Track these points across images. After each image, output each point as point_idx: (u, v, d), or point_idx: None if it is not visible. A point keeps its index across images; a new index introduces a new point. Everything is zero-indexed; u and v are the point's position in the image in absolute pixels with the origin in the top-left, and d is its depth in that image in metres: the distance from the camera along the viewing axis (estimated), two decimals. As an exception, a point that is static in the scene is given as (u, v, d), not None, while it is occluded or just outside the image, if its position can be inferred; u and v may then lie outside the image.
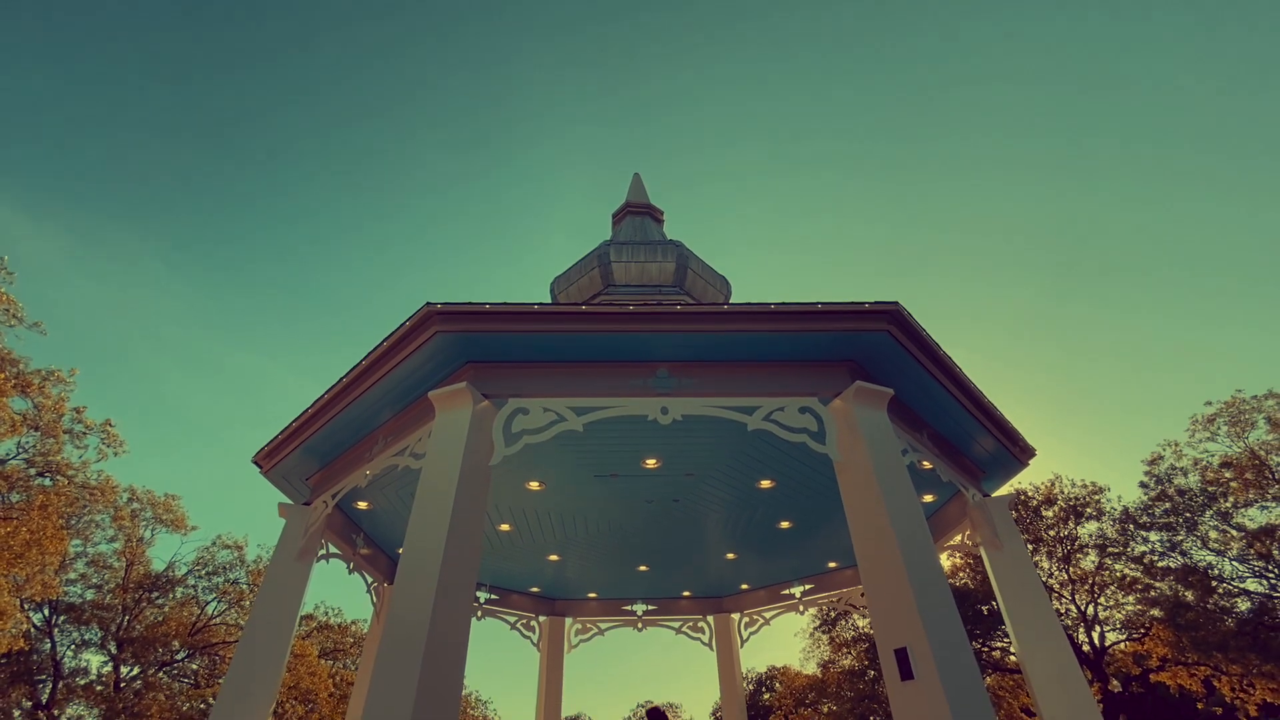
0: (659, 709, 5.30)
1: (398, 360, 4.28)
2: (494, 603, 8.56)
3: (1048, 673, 4.79)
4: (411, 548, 3.48)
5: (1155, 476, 19.29)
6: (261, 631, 4.83)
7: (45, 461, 17.63)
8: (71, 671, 20.30)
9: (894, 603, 3.38)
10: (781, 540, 7.17)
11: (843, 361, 4.36)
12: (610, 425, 4.69)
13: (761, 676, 45.87)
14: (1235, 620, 17.07)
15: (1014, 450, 5.56)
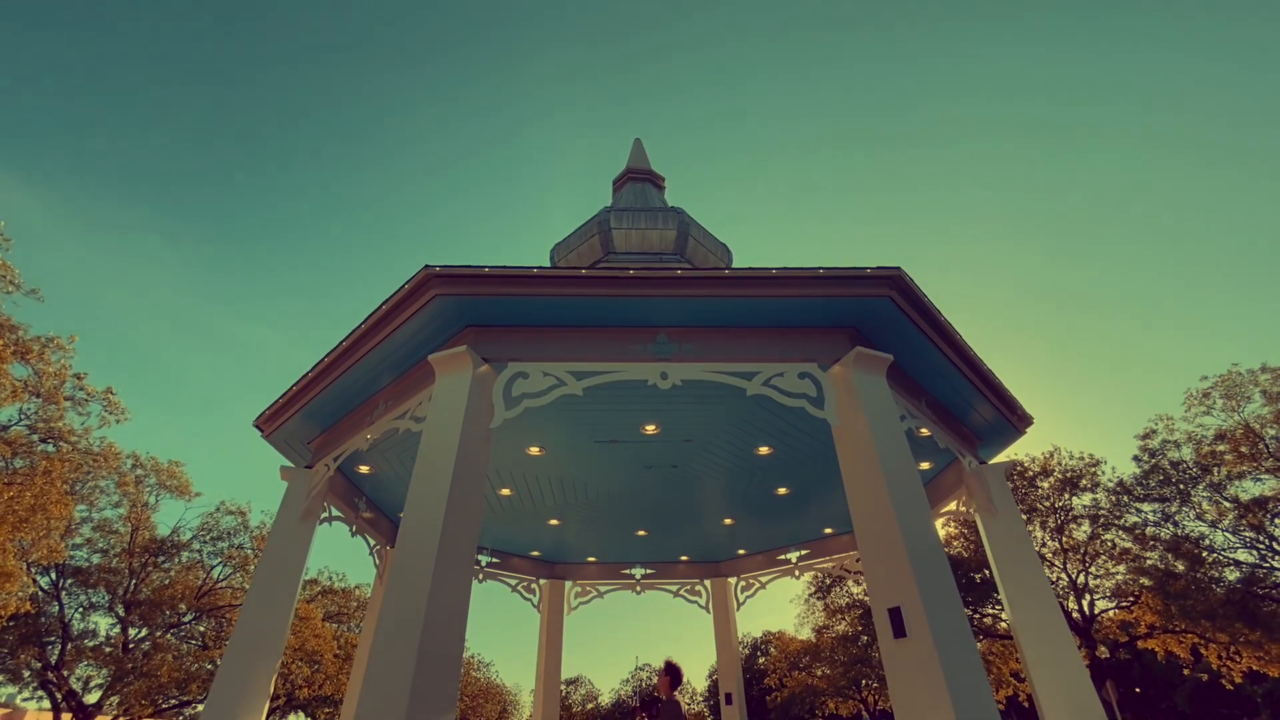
0: (673, 664, 5.37)
1: (397, 324, 4.26)
2: (495, 566, 8.71)
3: (1038, 637, 4.89)
4: (413, 509, 3.52)
5: (1149, 450, 19.47)
6: (266, 590, 4.92)
7: (48, 428, 17.73)
8: (80, 633, 20.75)
9: (889, 564, 3.44)
10: (779, 506, 7.26)
11: (843, 328, 4.35)
12: (610, 390, 4.71)
13: (757, 641, 47.00)
14: (1224, 589, 17.41)
15: (1012, 419, 5.59)
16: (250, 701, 4.52)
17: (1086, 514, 20.75)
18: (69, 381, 18.28)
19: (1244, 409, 17.62)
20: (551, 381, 4.03)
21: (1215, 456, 17.82)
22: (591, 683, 68.54)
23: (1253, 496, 17.34)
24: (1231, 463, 17.38)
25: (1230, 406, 17.83)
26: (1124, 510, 19.81)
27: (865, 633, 25.56)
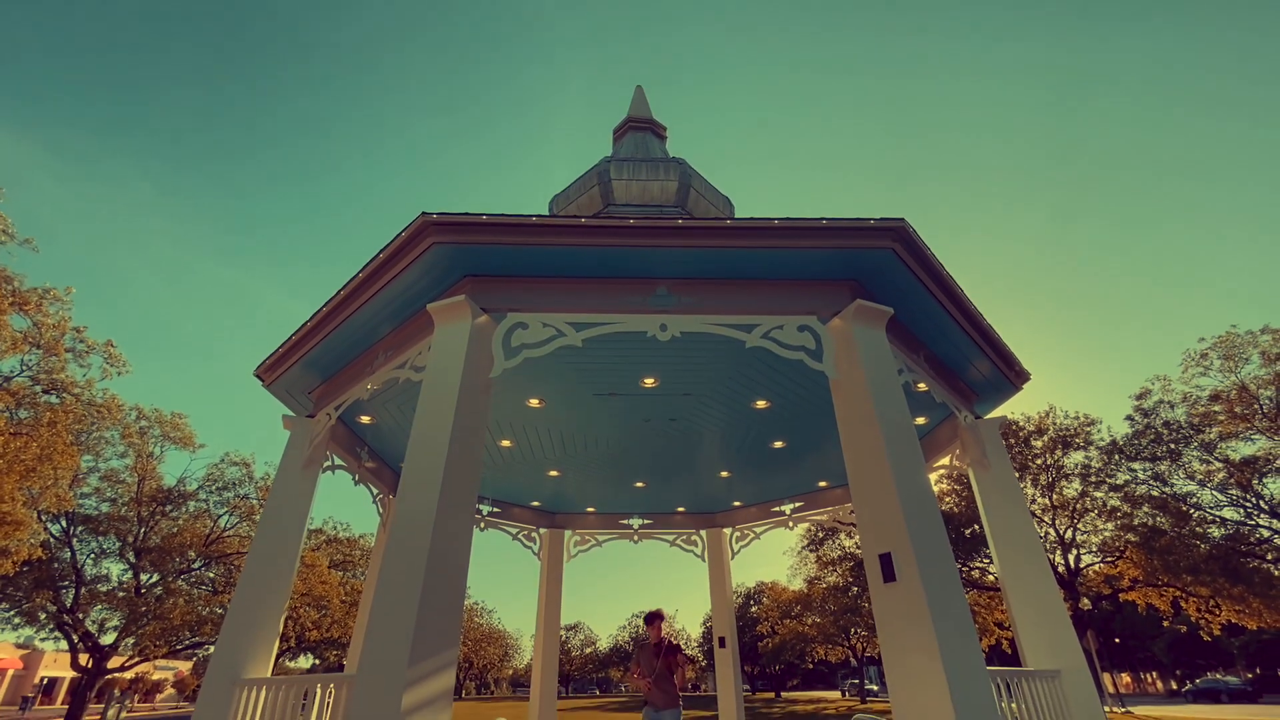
0: (657, 611, 5.58)
1: (395, 272, 4.23)
2: (496, 515, 8.90)
3: (1024, 588, 5.03)
4: (414, 457, 3.57)
5: (1142, 410, 19.64)
6: (272, 535, 5.03)
7: (50, 379, 17.81)
8: (93, 579, 21.36)
9: (882, 512, 3.51)
10: (774, 460, 7.37)
11: (844, 280, 4.32)
12: (609, 343, 4.71)
13: (750, 591, 48.51)
14: (1209, 546, 17.86)
15: (1009, 374, 5.62)
16: (260, 642, 4.68)
17: (1077, 472, 21.10)
18: (69, 334, 18.29)
19: (1241, 370, 17.68)
20: (551, 332, 4.02)
21: (1209, 417, 17.99)
22: (590, 629, 71.17)
23: (1243, 456, 17.60)
24: (1225, 423, 17.56)
25: (1227, 368, 17.89)
26: (1115, 469, 20.13)
27: (855, 584, 26.35)
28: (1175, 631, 43.09)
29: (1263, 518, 17.86)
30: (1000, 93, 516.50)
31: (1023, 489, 21.27)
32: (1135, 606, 23.77)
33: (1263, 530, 17.95)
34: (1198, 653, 49.99)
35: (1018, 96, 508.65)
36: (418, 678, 2.84)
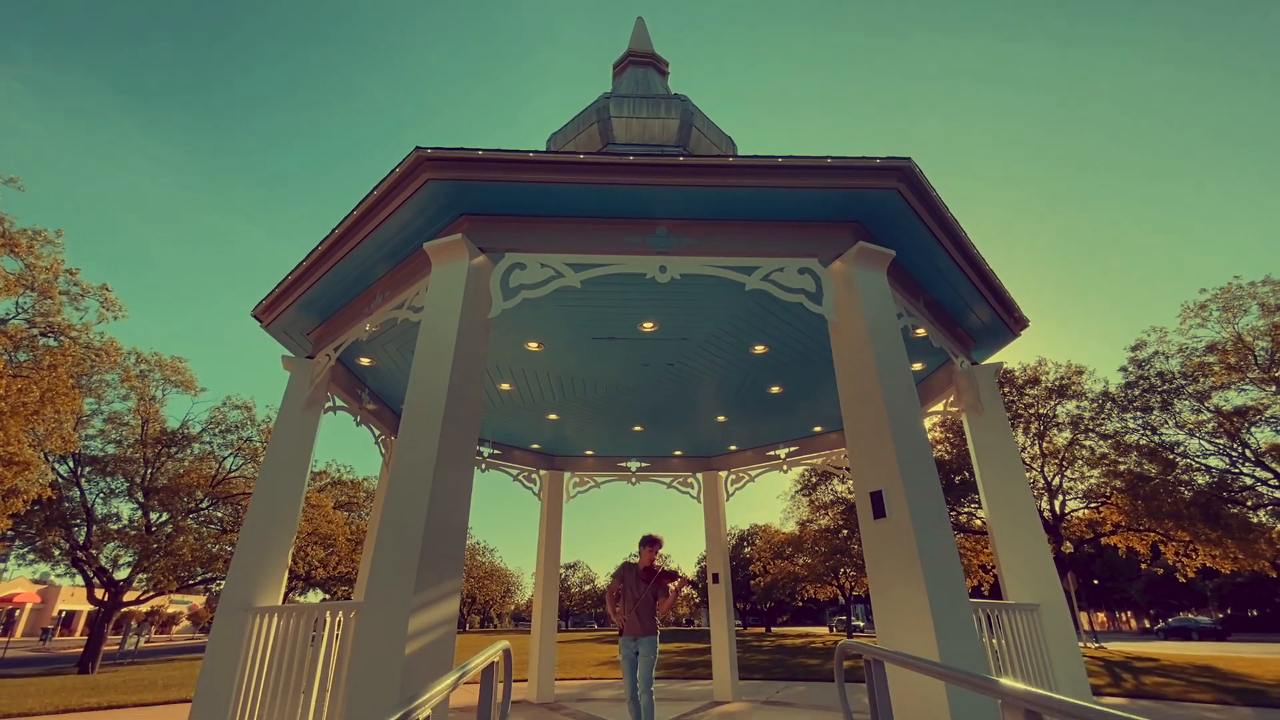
0: (655, 536, 5.63)
1: (390, 210, 4.15)
2: (497, 457, 9.06)
3: (1011, 529, 5.18)
4: (414, 396, 3.59)
5: (1137, 361, 19.77)
6: (277, 472, 5.12)
7: (46, 323, 17.75)
8: (103, 517, 21.89)
9: (875, 451, 3.57)
10: (771, 405, 7.45)
11: (847, 222, 4.26)
12: (608, 286, 4.68)
13: (744, 533, 49.99)
14: (1192, 493, 18.33)
15: (1008, 320, 5.61)
16: (269, 574, 4.83)
17: (1069, 421, 21.41)
18: (62, 276, 18.12)
19: (1239, 321, 17.70)
20: (549, 273, 3.99)
21: (1203, 368, 18.12)
22: (589, 567, 73.84)
23: (1234, 406, 17.83)
24: (1219, 374, 17.70)
25: (1226, 319, 17.90)
26: (1106, 418, 20.42)
27: (846, 526, 27.13)
28: (1152, 574, 44.77)
29: (1247, 466, 18.26)
30: (1008, 40, 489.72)
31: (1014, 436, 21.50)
32: (1115, 550, 24.59)
33: (1246, 478, 18.38)
34: (1172, 594, 52.13)
35: (1026, 44, 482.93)
36: (423, 604, 2.95)
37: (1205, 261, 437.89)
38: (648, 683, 4.99)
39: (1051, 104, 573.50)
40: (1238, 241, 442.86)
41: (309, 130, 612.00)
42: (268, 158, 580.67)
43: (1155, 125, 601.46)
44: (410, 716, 1.51)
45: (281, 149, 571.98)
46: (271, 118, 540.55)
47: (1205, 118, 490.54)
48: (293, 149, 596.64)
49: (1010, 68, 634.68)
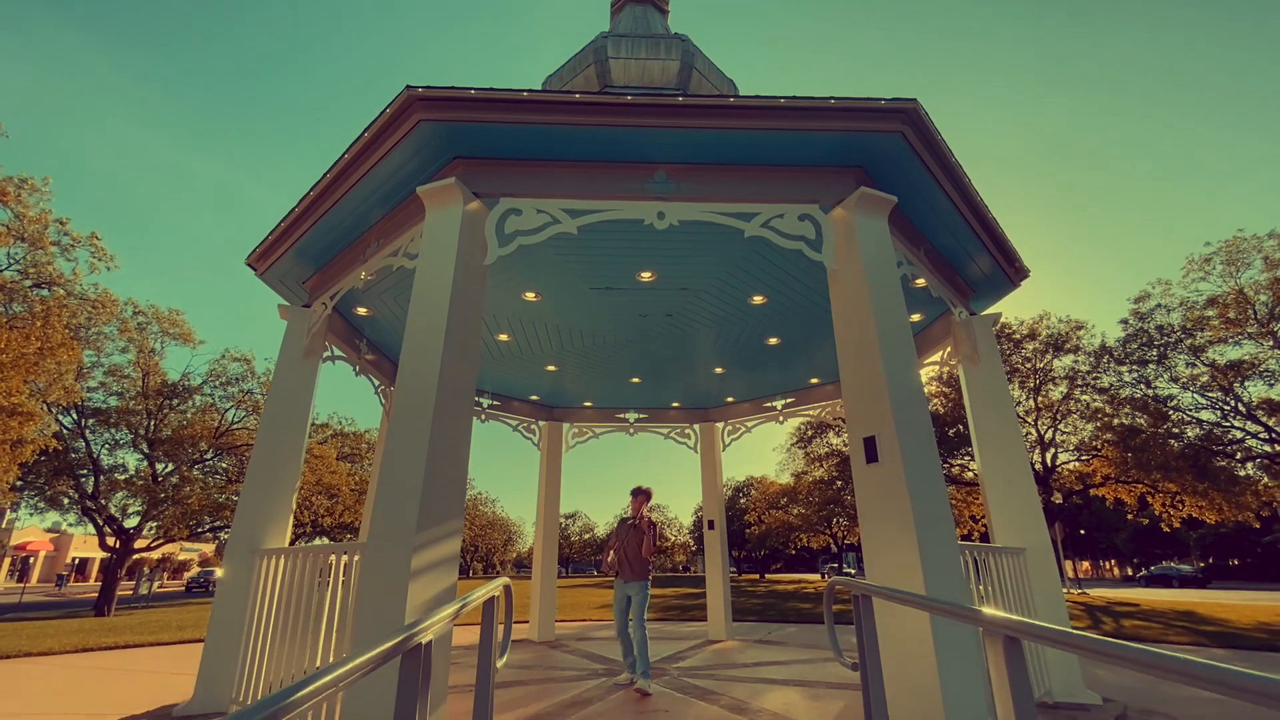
0: (644, 488, 5.90)
1: (382, 153, 4.05)
2: (496, 408, 9.14)
3: (1002, 479, 5.27)
4: (412, 341, 3.59)
5: (1138, 314, 19.75)
6: (277, 422, 5.17)
7: (39, 273, 17.58)
8: (110, 468, 22.23)
9: (869, 397, 3.60)
10: (768, 356, 7.47)
11: (849, 167, 4.17)
12: (605, 234, 4.62)
13: (740, 485, 50.99)
14: (1182, 445, 18.63)
15: (1009, 270, 5.57)
16: (275, 518, 4.94)
17: (1065, 375, 21.54)
18: (52, 226, 17.85)
19: (1242, 275, 17.60)
20: (545, 219, 3.93)
21: (1202, 322, 18.12)
22: (588, 517, 75.67)
23: (1229, 360, 17.92)
24: (1217, 328, 17.71)
25: (1228, 273, 17.79)
26: (1101, 372, 20.54)
27: (840, 478, 27.64)
28: (1137, 524, 45.95)
29: (1238, 420, 18.49)
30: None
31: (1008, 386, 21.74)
32: (1103, 501, 25.14)
33: (1236, 432, 18.63)
34: (1156, 543, 53.60)
35: None
36: (425, 542, 3.03)
37: (1233, 216, 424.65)
38: (640, 619, 5.41)
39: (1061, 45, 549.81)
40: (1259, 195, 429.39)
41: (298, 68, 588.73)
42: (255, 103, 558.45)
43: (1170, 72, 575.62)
44: (412, 640, 1.56)
45: (269, 91, 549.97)
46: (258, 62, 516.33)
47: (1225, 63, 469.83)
48: (282, 91, 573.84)
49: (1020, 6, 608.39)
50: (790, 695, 4.98)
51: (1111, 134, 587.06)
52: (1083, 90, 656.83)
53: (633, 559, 5.56)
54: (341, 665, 1.17)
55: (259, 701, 0.92)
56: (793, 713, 4.38)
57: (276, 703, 0.94)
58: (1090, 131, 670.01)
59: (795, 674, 5.97)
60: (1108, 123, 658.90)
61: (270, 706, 0.92)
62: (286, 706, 0.95)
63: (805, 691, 5.13)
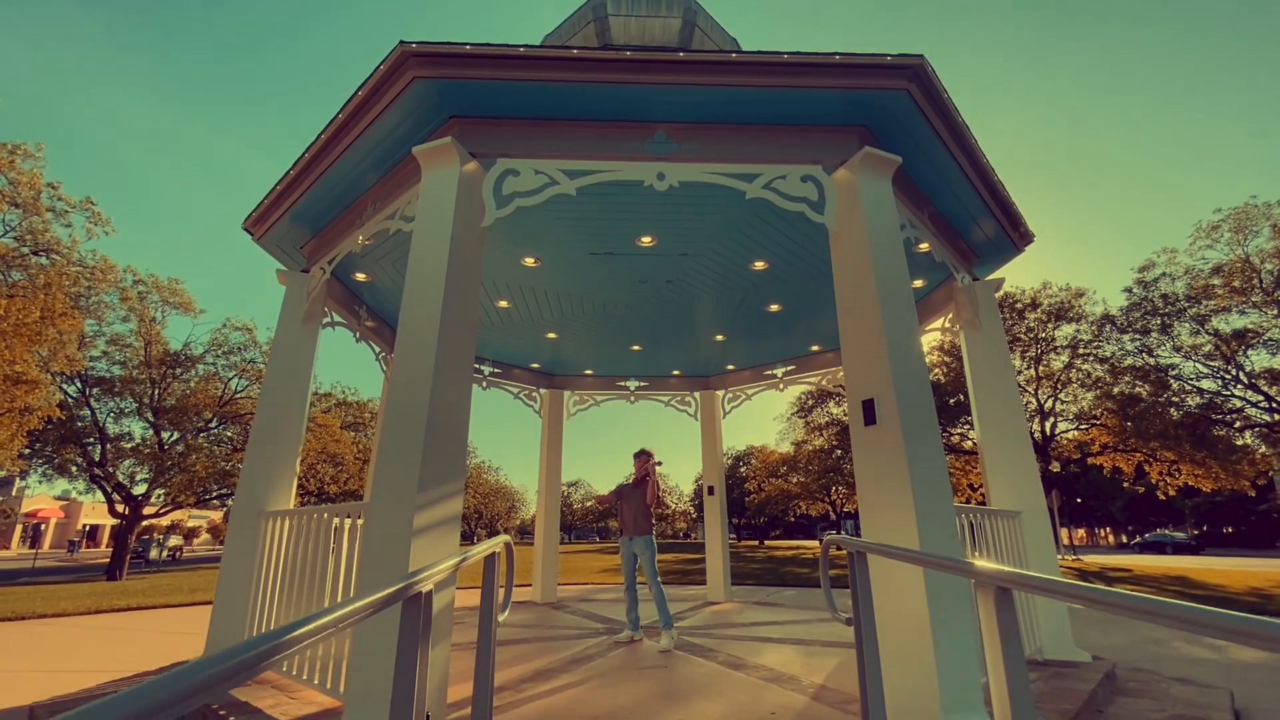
0: (643, 449, 6.06)
1: (376, 113, 3.97)
2: (498, 375, 9.16)
3: (1001, 445, 5.30)
4: (410, 301, 3.58)
5: (1143, 283, 19.61)
6: (279, 386, 5.19)
7: (35, 240, 17.48)
8: (117, 436, 22.44)
9: (869, 359, 3.60)
10: (769, 323, 7.45)
11: (853, 127, 4.08)
12: (605, 196, 4.56)
13: (740, 454, 51.44)
14: (1181, 413, 18.69)
15: (1013, 235, 5.51)
16: (279, 481, 5.00)
17: (1067, 344, 21.50)
18: (45, 191, 17.67)
19: (1249, 243, 17.41)
20: (543, 180, 3.87)
21: (1207, 290, 18.00)
22: (590, 484, 76.62)
23: (1233, 329, 17.85)
24: (1222, 296, 17.60)
25: (1236, 240, 17.60)
26: (1104, 341, 20.49)
27: (840, 447, 27.85)
28: (1133, 492, 46.42)
29: (1238, 388, 18.51)
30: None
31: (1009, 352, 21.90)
32: (1100, 469, 25.36)
33: (1236, 400, 18.67)
34: (1150, 511, 54.26)
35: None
36: (427, 502, 3.07)
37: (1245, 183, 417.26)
38: (653, 576, 5.63)
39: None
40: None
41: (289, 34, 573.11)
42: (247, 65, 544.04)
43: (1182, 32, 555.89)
44: (413, 588, 1.59)
45: (261, 55, 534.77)
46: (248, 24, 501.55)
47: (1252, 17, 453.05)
48: (274, 56, 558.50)
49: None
50: (786, 652, 5.11)
51: (1128, 96, 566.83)
52: (1095, 54, 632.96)
53: (636, 514, 5.78)
54: (342, 608, 1.19)
55: (260, 635, 0.94)
56: (789, 669, 4.50)
57: (278, 637, 0.96)
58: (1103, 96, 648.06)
59: (792, 633, 6.11)
60: (1122, 86, 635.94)
61: (271, 640, 0.94)
62: (287, 642, 0.98)
63: (801, 649, 5.26)
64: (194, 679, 0.76)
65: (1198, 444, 18.21)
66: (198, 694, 0.76)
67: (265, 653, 0.91)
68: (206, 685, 0.78)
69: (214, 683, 0.80)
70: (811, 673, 4.36)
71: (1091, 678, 4.18)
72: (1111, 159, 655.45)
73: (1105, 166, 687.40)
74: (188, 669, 0.77)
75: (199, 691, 0.76)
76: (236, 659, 0.85)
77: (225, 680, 0.82)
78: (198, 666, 0.79)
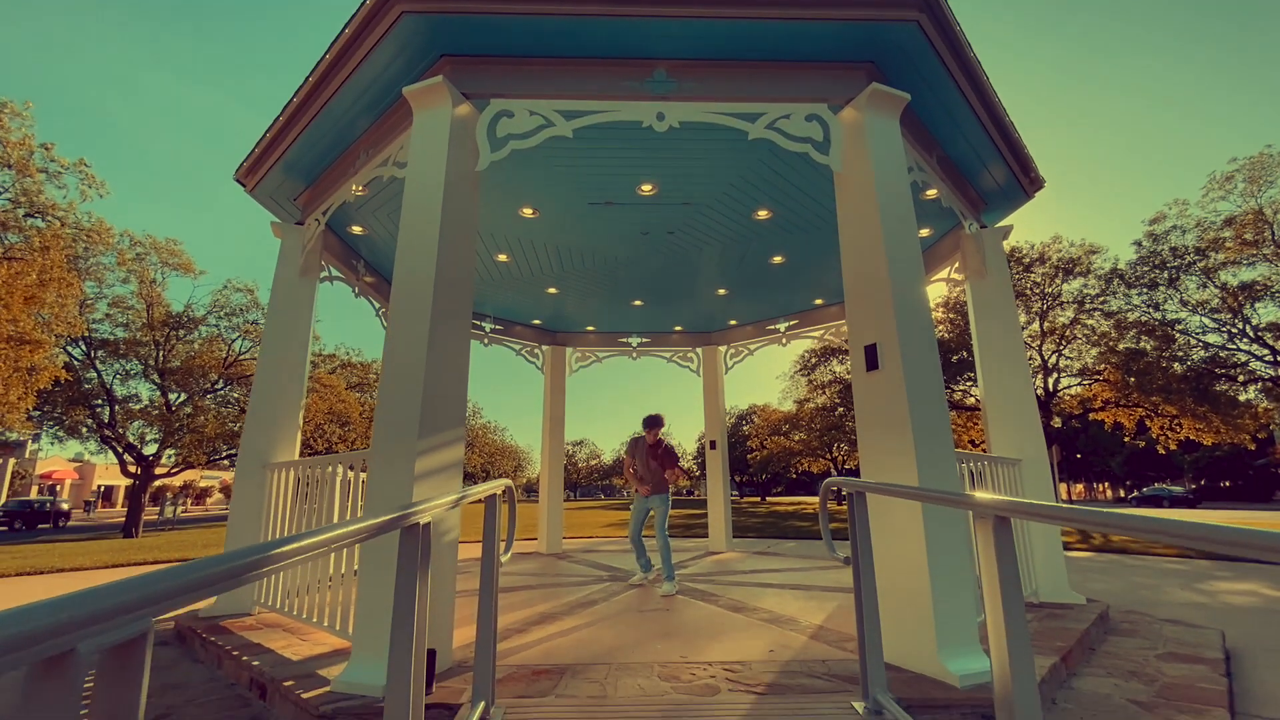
0: (657, 417, 6.13)
1: (364, 52, 3.82)
2: (499, 332, 9.13)
3: (1001, 389, 5.29)
4: (404, 249, 3.52)
5: (1152, 236, 19.29)
6: (278, 342, 5.18)
7: (30, 202, 17.28)
8: (124, 398, 22.64)
9: (872, 305, 3.55)
10: (772, 276, 7.36)
11: (861, 63, 3.93)
12: (603, 141, 4.43)
13: (743, 413, 51.80)
14: (1185, 367, 18.64)
15: (1023, 180, 5.36)
16: (283, 433, 5.04)
17: (1073, 300, 21.30)
18: (37, 152, 17.38)
19: (1263, 194, 17.03)
20: (539, 121, 3.75)
21: (1217, 243, 17.71)
22: (595, 444, 77.60)
23: (1241, 282, 17.63)
24: (1232, 249, 17.33)
25: (1250, 191, 17.22)
26: (1110, 295, 20.29)
27: (842, 405, 27.97)
28: (1134, 447, 46.78)
29: (1244, 342, 18.40)
30: None
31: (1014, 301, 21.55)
32: (1101, 425, 25.44)
33: (1240, 355, 18.58)
34: (1150, 466, 54.80)
35: None
36: (428, 448, 3.08)
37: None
38: (663, 530, 5.85)
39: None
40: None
41: None
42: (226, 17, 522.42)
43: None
44: (410, 517, 1.59)
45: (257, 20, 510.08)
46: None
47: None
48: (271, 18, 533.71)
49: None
50: (786, 597, 5.22)
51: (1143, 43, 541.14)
52: None
53: (655, 479, 5.94)
54: (337, 528, 1.19)
55: (255, 545, 0.93)
56: (788, 611, 4.60)
57: (272, 548, 0.95)
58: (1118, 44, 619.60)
59: (792, 579, 6.24)
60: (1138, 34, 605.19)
61: (265, 550, 0.94)
62: (279, 554, 0.97)
63: (801, 594, 5.37)
64: (181, 579, 0.76)
65: (1200, 398, 18.21)
66: (179, 596, 0.75)
67: (252, 564, 0.90)
68: (192, 587, 0.77)
69: (201, 585, 0.79)
70: (810, 614, 4.46)
71: (1085, 618, 4.26)
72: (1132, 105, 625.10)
73: (1122, 116, 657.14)
74: (179, 568, 0.76)
75: (183, 592, 0.75)
76: (224, 565, 0.84)
77: (211, 584, 0.81)
78: (192, 566, 0.78)
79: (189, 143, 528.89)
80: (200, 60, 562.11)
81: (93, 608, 0.62)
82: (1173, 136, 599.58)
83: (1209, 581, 7.14)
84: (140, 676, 0.70)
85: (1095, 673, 3.44)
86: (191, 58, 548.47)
